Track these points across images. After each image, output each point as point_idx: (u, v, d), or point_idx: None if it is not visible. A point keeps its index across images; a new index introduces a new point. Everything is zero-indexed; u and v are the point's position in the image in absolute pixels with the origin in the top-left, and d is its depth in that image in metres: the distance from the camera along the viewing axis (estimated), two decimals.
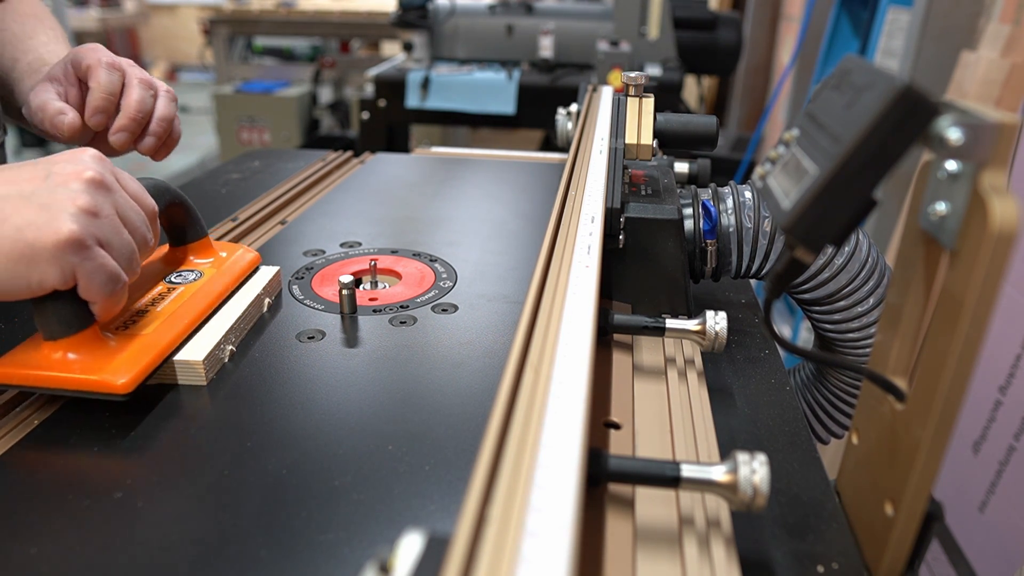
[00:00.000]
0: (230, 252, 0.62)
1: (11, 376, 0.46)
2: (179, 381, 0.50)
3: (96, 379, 0.45)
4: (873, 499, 0.39)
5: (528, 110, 2.08)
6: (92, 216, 0.44)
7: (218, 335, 0.52)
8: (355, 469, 0.42)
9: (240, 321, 0.55)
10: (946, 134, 0.30)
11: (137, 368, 0.46)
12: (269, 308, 0.60)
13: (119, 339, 0.49)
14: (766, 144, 2.92)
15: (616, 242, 0.57)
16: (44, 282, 0.43)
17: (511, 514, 0.26)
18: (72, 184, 0.44)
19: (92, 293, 0.45)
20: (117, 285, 0.46)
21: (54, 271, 0.43)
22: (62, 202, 0.43)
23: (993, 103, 1.38)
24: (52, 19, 0.79)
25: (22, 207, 0.43)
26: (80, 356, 0.46)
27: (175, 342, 0.50)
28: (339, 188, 0.93)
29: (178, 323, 0.52)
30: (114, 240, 0.46)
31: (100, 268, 0.44)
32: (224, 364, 0.52)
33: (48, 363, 0.46)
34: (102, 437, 0.45)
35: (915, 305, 0.38)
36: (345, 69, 3.66)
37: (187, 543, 0.37)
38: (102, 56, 0.56)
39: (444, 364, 0.53)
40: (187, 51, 6.61)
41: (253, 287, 0.60)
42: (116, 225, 0.46)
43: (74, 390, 0.46)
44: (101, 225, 0.45)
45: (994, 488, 1.13)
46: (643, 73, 0.66)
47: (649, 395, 0.49)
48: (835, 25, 2.26)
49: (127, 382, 0.45)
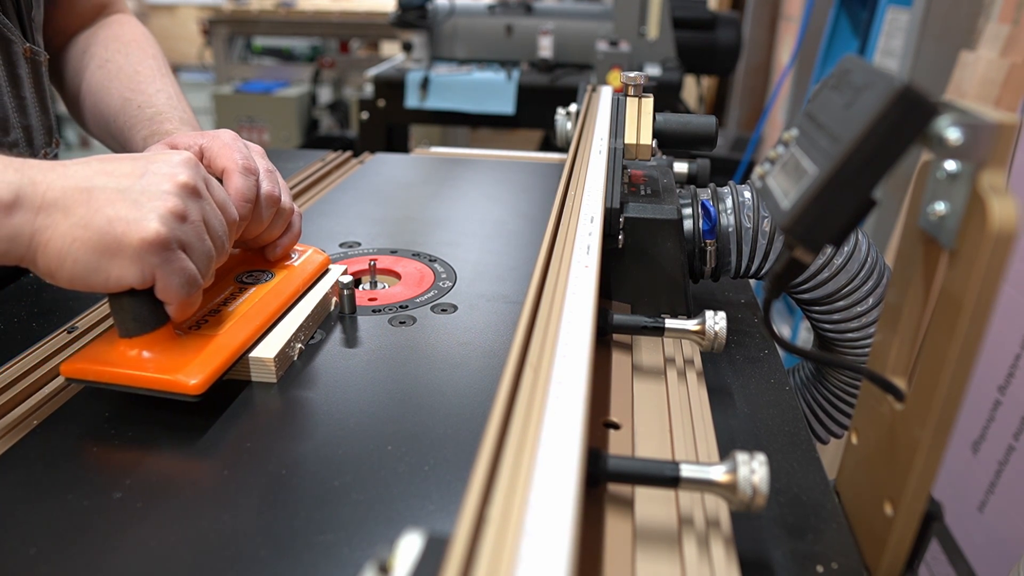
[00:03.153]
0: (301, 253, 0.63)
1: (85, 371, 0.46)
2: (252, 378, 0.51)
3: (170, 379, 0.46)
4: (872, 499, 0.39)
5: (527, 110, 2.08)
6: (179, 219, 0.45)
7: (288, 333, 0.53)
8: (354, 469, 0.42)
9: (310, 320, 0.56)
10: (945, 134, 0.30)
11: (209, 369, 0.46)
12: (337, 307, 0.61)
13: (192, 339, 0.49)
14: (765, 144, 2.92)
15: (615, 242, 0.57)
16: (123, 278, 0.44)
17: (510, 514, 0.26)
18: (165, 185, 0.45)
19: (169, 294, 0.45)
20: (194, 288, 0.46)
21: (135, 269, 0.43)
22: (153, 201, 0.44)
23: (992, 103, 1.38)
24: (152, 43, 0.78)
25: (116, 200, 0.43)
26: (154, 355, 0.47)
27: (248, 341, 0.51)
28: (338, 188, 0.93)
29: (251, 323, 0.52)
30: (196, 245, 0.46)
31: (180, 271, 0.45)
32: (293, 362, 0.53)
33: (123, 360, 0.46)
34: (101, 438, 0.45)
35: (914, 305, 0.38)
36: (344, 69, 3.66)
37: (187, 543, 0.37)
38: (237, 158, 0.55)
39: (443, 364, 0.53)
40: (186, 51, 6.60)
41: (322, 286, 0.60)
42: (200, 231, 0.47)
43: (147, 388, 0.46)
44: (186, 229, 0.45)
45: (993, 488, 1.14)
46: (642, 73, 0.66)
47: (648, 395, 0.49)
48: (834, 25, 2.26)
49: (199, 383, 0.45)
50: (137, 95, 0.70)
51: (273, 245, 0.60)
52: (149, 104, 0.69)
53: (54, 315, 0.61)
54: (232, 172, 0.54)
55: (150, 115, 0.68)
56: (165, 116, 0.68)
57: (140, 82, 0.72)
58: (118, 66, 0.73)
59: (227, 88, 3.38)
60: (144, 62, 0.74)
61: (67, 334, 0.56)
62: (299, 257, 0.62)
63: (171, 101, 0.70)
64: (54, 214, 0.43)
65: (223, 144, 0.56)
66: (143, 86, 0.71)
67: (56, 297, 0.65)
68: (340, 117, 3.60)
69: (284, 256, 0.61)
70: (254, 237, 0.58)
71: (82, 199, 0.43)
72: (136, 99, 0.70)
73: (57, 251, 0.43)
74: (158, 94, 0.71)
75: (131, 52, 0.75)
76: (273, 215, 0.58)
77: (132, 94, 0.71)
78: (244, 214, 0.54)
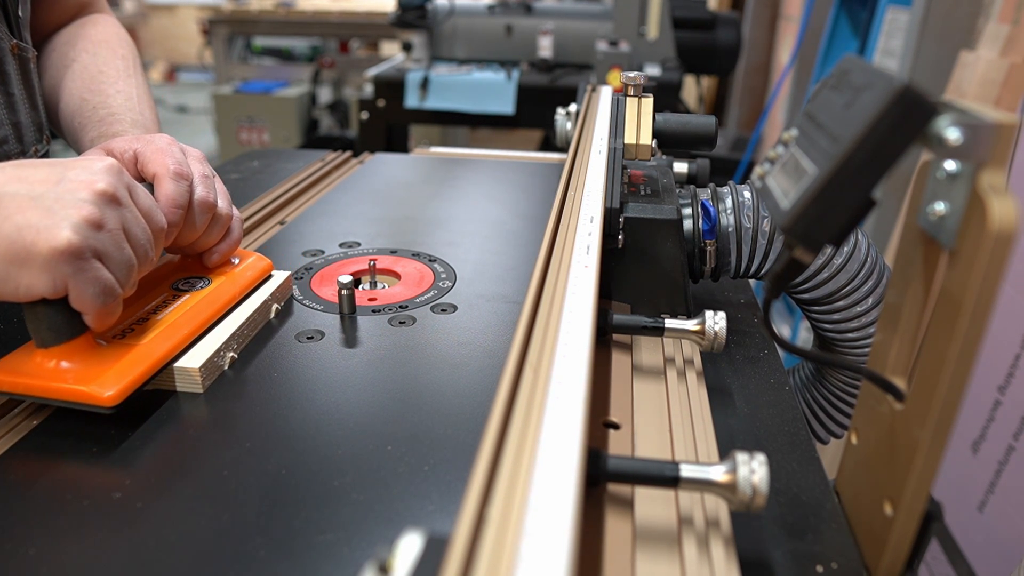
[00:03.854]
0: (242, 259, 0.61)
1: (1, 383, 0.45)
2: (177, 388, 0.50)
3: (83, 390, 0.44)
4: (872, 499, 0.39)
5: (527, 110, 2.08)
6: (94, 227, 0.43)
7: (218, 343, 0.52)
8: (354, 469, 0.42)
9: (243, 328, 0.55)
10: (945, 134, 0.30)
11: (125, 381, 0.45)
12: (277, 314, 0.60)
13: (114, 348, 0.48)
14: (765, 144, 2.92)
15: (615, 242, 0.57)
16: (32, 288, 0.43)
17: (510, 514, 0.26)
18: (81, 193, 0.44)
19: (84, 304, 0.44)
20: (110, 298, 0.45)
21: (45, 278, 0.42)
22: (67, 209, 0.43)
23: (992, 103, 1.38)
24: (125, 43, 0.77)
25: (27, 207, 0.42)
26: (72, 365, 0.45)
27: (172, 352, 0.49)
28: (338, 188, 0.93)
29: (177, 332, 0.51)
30: (113, 254, 0.45)
31: (94, 280, 0.44)
32: (224, 371, 0.52)
33: (38, 371, 0.45)
34: (100, 439, 0.45)
35: (914, 305, 0.38)
36: (344, 69, 3.66)
37: (186, 544, 0.37)
38: (169, 163, 0.53)
39: (443, 364, 0.53)
40: (186, 51, 6.60)
41: (261, 294, 0.59)
42: (118, 239, 0.45)
43: (61, 400, 0.45)
44: (102, 238, 0.44)
45: (993, 488, 1.14)
46: (642, 73, 0.66)
47: (648, 395, 0.49)
48: (834, 25, 2.26)
49: (113, 395, 0.44)
50: (94, 96, 0.69)
51: (210, 252, 0.59)
52: (104, 105, 0.68)
53: None
54: (162, 177, 0.53)
55: (102, 116, 0.67)
56: (117, 118, 0.66)
57: (101, 83, 0.70)
58: (83, 65, 0.72)
59: (227, 88, 3.38)
60: (111, 62, 0.72)
61: None
62: (240, 263, 0.61)
63: (128, 103, 0.69)
64: None
65: (156, 149, 0.55)
66: (103, 87, 0.70)
67: None
68: (340, 117, 3.60)
69: (222, 263, 0.60)
70: (189, 244, 0.57)
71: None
72: (92, 100, 0.68)
73: None
74: (116, 95, 0.69)
75: (99, 52, 0.73)
76: (208, 221, 0.56)
77: (90, 95, 0.69)
78: (174, 220, 0.52)
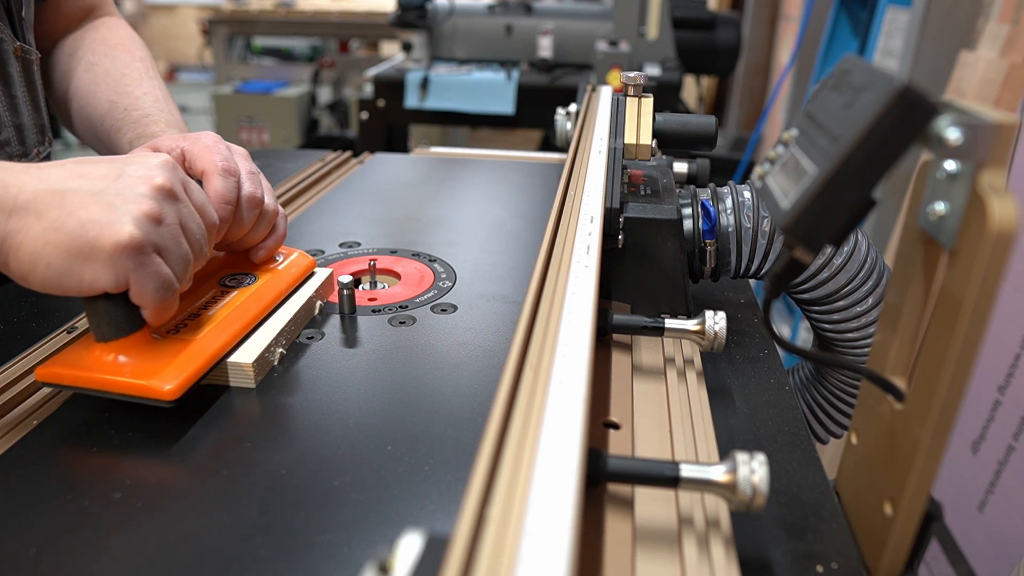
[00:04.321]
0: (286, 256, 0.62)
1: (60, 376, 0.46)
2: (230, 383, 0.50)
3: (144, 384, 0.45)
4: (872, 499, 0.39)
5: (527, 110, 2.08)
6: (154, 223, 0.44)
7: (268, 338, 0.52)
8: (354, 469, 0.42)
9: (291, 324, 0.55)
10: (945, 134, 0.30)
11: (184, 375, 0.46)
12: (321, 311, 0.60)
13: (170, 343, 0.48)
14: (765, 144, 2.92)
15: (615, 242, 0.57)
16: (96, 282, 0.43)
17: (510, 514, 0.26)
18: (140, 188, 0.45)
19: (144, 298, 0.45)
20: (169, 292, 0.46)
21: (108, 273, 0.43)
22: (128, 204, 0.44)
23: (992, 103, 1.38)
24: (140, 46, 0.78)
25: (89, 203, 0.43)
26: (130, 359, 0.46)
27: (225, 347, 0.50)
28: (338, 188, 0.93)
29: (229, 328, 0.51)
30: (172, 248, 0.46)
31: (155, 275, 0.44)
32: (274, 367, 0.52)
33: (98, 365, 0.46)
34: (101, 438, 0.45)
35: (914, 305, 0.38)
36: (344, 69, 3.66)
37: (187, 543, 0.37)
38: (217, 160, 0.54)
39: (443, 364, 0.53)
40: (186, 51, 6.60)
41: (306, 290, 0.60)
42: (176, 234, 0.46)
43: (121, 394, 0.45)
44: (161, 233, 0.45)
45: (993, 488, 1.14)
46: (642, 73, 0.66)
47: (648, 395, 0.49)
48: (834, 25, 2.26)
49: (173, 388, 0.45)
50: (124, 98, 0.70)
51: (256, 248, 0.59)
52: (135, 107, 0.69)
53: (54, 315, 0.61)
54: (212, 174, 0.54)
55: (136, 118, 0.68)
56: (152, 119, 0.67)
57: (127, 85, 0.71)
58: (105, 69, 0.72)
59: (227, 88, 3.38)
60: (131, 65, 0.73)
61: (67, 334, 0.56)
62: (284, 260, 0.61)
63: (158, 104, 0.70)
64: (26, 217, 0.42)
65: (204, 147, 0.55)
66: (130, 89, 0.70)
67: (56, 297, 0.65)
68: (340, 117, 3.60)
69: (268, 259, 0.60)
70: (237, 240, 0.58)
71: (55, 202, 0.43)
72: (122, 102, 0.69)
73: (29, 255, 0.42)
74: (145, 96, 0.70)
75: (118, 55, 0.74)
76: (256, 217, 0.57)
77: (119, 97, 0.70)
78: (224, 216, 0.53)
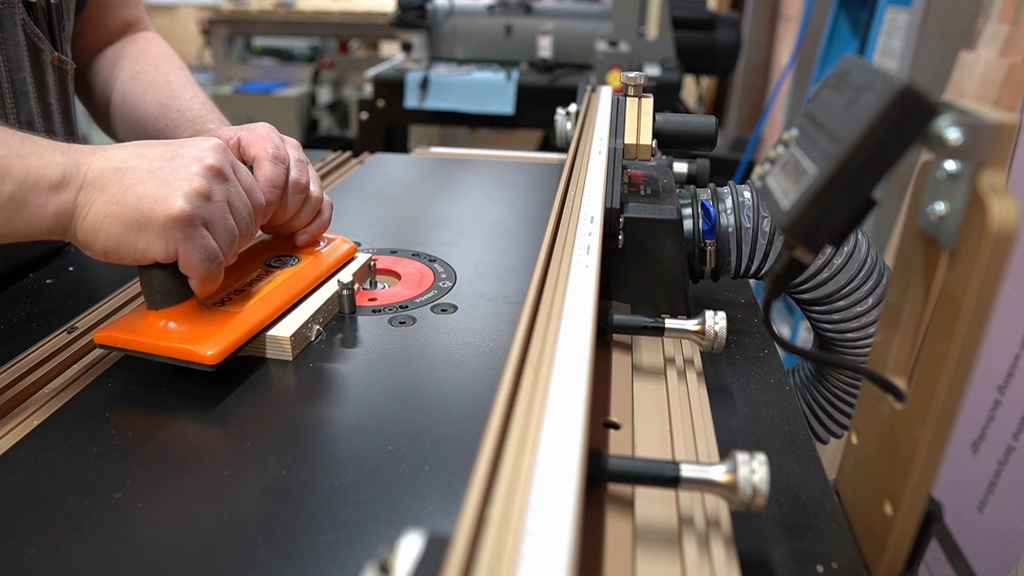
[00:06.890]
0: (329, 241, 0.66)
1: (115, 339, 0.51)
2: (268, 355, 0.54)
3: (189, 348, 0.49)
4: (872, 499, 0.39)
5: (527, 110, 2.08)
6: (203, 199, 0.49)
7: (306, 315, 0.56)
8: (355, 469, 0.42)
9: (329, 303, 0.59)
10: (945, 134, 0.30)
11: (226, 343, 0.50)
12: (358, 293, 0.63)
13: (215, 314, 0.53)
14: (765, 144, 2.92)
15: (615, 242, 0.57)
16: (149, 251, 0.48)
17: (511, 514, 0.26)
18: (193, 167, 0.49)
19: (191, 268, 0.49)
20: (214, 264, 0.50)
21: (160, 242, 0.47)
22: (180, 181, 0.48)
23: (992, 103, 1.38)
24: (177, 58, 0.82)
25: (146, 179, 0.47)
26: (179, 326, 0.51)
27: (266, 321, 0.54)
28: (338, 188, 0.93)
29: (271, 303, 0.55)
30: (219, 223, 0.50)
31: (202, 247, 0.49)
32: (310, 343, 0.56)
33: (150, 330, 0.50)
34: (101, 438, 0.45)
35: (914, 305, 0.38)
36: (344, 69, 3.65)
37: (187, 543, 0.37)
38: (268, 147, 0.58)
39: (443, 364, 0.53)
40: (186, 51, 6.59)
41: (345, 273, 0.63)
42: (223, 210, 0.50)
43: (168, 357, 0.50)
44: (210, 208, 0.49)
45: (993, 488, 1.14)
46: (642, 73, 0.66)
47: (648, 395, 0.49)
48: (834, 25, 2.26)
49: (215, 354, 0.49)
50: (174, 101, 0.74)
51: (301, 232, 0.64)
52: (188, 108, 0.73)
53: (54, 315, 0.61)
54: (262, 160, 0.58)
55: (191, 118, 0.72)
56: (205, 119, 0.72)
57: (174, 90, 0.75)
58: (151, 77, 0.77)
59: (226, 88, 3.38)
60: (174, 73, 0.78)
61: (67, 334, 0.56)
62: (326, 244, 0.65)
63: (206, 106, 0.75)
64: (92, 192, 0.47)
65: (258, 135, 0.60)
66: (178, 93, 0.75)
67: (56, 297, 0.65)
68: (340, 117, 3.60)
69: (312, 243, 0.65)
70: (283, 223, 0.62)
71: (116, 178, 0.47)
72: (174, 104, 0.74)
73: (92, 225, 0.47)
74: (193, 100, 0.74)
75: (161, 65, 0.79)
76: (301, 202, 0.61)
77: (169, 100, 0.74)
78: (271, 199, 0.57)
